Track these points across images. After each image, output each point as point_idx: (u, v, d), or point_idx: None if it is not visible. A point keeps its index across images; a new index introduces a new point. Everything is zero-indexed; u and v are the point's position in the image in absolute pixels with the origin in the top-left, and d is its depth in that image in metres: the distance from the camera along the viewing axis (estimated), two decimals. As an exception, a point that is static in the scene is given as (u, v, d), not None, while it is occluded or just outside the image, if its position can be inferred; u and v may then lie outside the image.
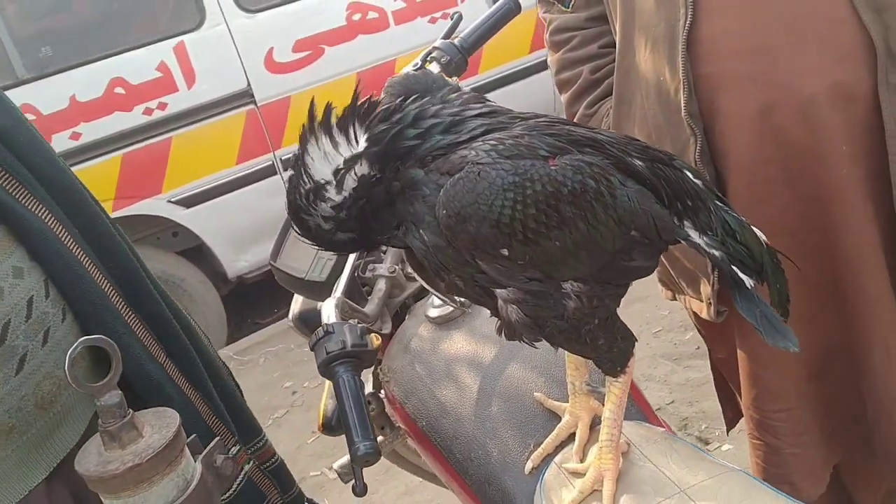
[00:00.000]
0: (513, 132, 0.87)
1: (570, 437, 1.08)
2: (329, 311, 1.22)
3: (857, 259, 1.22)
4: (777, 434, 1.36)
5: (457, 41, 1.44)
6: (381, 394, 1.44)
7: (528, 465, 1.08)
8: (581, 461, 1.04)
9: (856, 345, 1.29)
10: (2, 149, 0.96)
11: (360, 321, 1.28)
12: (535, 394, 1.16)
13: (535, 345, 0.93)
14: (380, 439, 1.38)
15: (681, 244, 0.96)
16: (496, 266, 0.84)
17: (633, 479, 0.99)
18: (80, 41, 3.75)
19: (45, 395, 0.98)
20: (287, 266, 1.45)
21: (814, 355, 1.31)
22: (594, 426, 1.08)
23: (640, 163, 0.90)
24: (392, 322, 1.47)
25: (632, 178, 0.88)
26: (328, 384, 1.40)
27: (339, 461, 1.72)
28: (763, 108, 1.17)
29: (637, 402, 1.16)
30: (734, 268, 0.94)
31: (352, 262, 1.36)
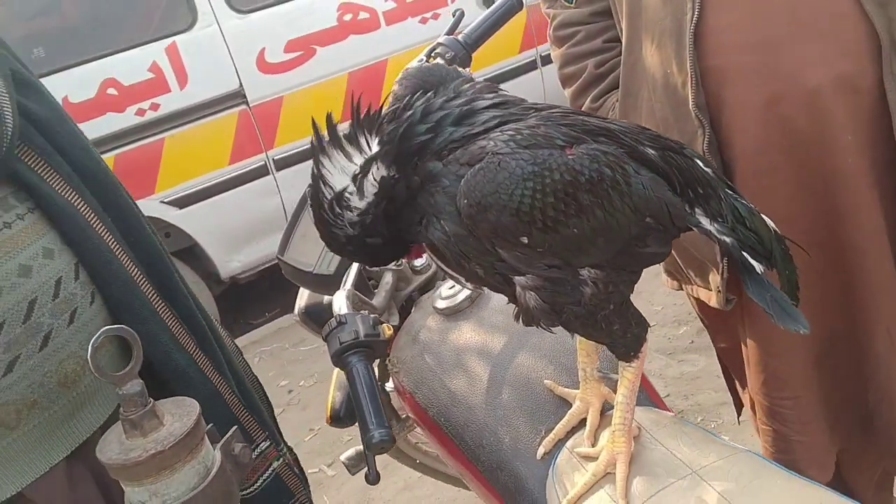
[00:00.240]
0: (528, 122, 0.89)
1: (581, 423, 1.10)
2: (341, 303, 1.23)
3: (862, 246, 1.24)
4: (784, 421, 1.38)
5: (460, 37, 1.46)
6: (388, 385, 1.45)
7: (539, 451, 1.10)
8: (592, 446, 1.06)
9: (859, 330, 1.31)
10: (40, 138, 1.00)
11: (369, 312, 1.30)
12: (545, 381, 1.17)
13: (551, 330, 0.95)
14: (387, 430, 1.39)
15: (691, 232, 0.98)
16: (516, 254, 0.86)
17: (646, 462, 1.00)
18: (72, 42, 3.72)
19: (69, 374, 1.00)
20: (294, 260, 1.46)
21: (818, 341, 1.33)
22: (604, 412, 1.10)
23: (653, 151, 0.92)
24: (398, 315, 1.48)
25: (645, 167, 0.90)
26: (335, 377, 1.42)
27: (346, 453, 1.74)
28: (769, 100, 1.19)
29: (645, 388, 1.18)
30: (745, 254, 0.96)
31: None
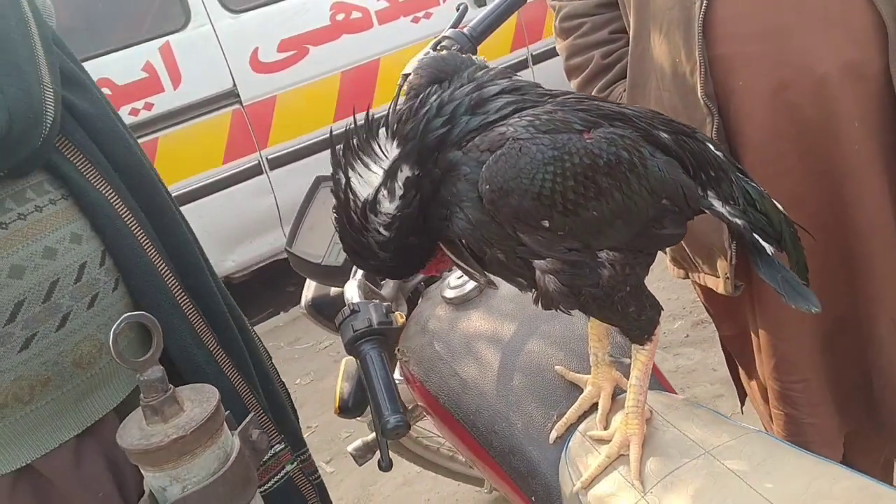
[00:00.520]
0: (545, 108, 0.91)
1: (593, 408, 1.12)
2: (353, 292, 1.25)
3: (868, 232, 1.26)
4: (795, 404, 1.40)
5: (466, 30, 1.47)
6: (396, 376, 1.46)
7: (552, 435, 1.12)
8: (604, 430, 1.07)
9: (864, 316, 1.33)
10: (81, 132, 1.06)
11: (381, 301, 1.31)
12: (555, 367, 1.19)
13: (570, 313, 0.97)
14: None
15: (698, 220, 1.00)
16: (537, 238, 0.88)
17: (659, 443, 1.02)
18: (65, 42, 3.71)
19: (84, 356, 1.03)
20: (303, 252, 1.47)
21: (824, 326, 1.35)
22: (616, 396, 1.11)
23: (666, 135, 0.94)
24: (406, 305, 1.49)
25: (659, 150, 0.92)
26: (342, 368, 1.43)
27: (353, 444, 1.75)
28: (777, 87, 1.21)
29: (655, 374, 1.20)
30: (755, 236, 0.98)
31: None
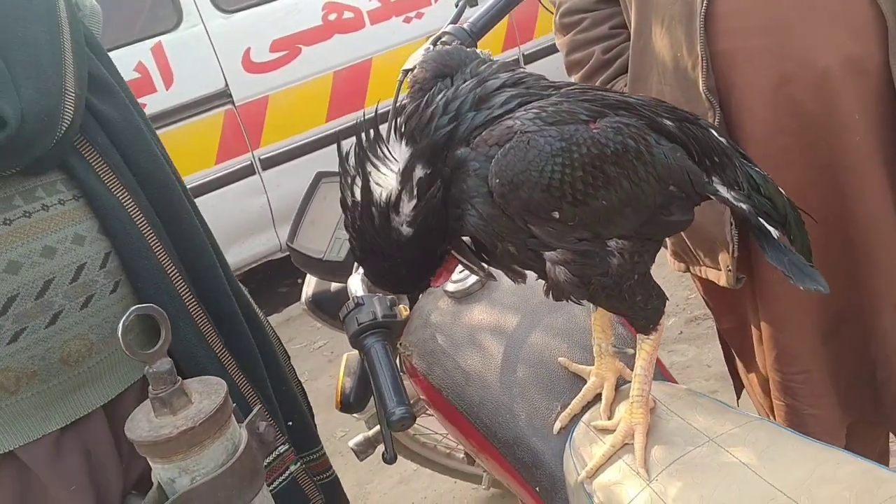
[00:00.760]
0: (550, 100, 0.91)
1: (596, 398, 1.12)
2: (357, 285, 1.25)
3: (870, 224, 1.27)
4: (796, 396, 1.41)
5: (466, 25, 1.48)
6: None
7: (556, 426, 1.12)
8: (609, 419, 1.08)
9: (866, 308, 1.34)
10: (104, 137, 1.08)
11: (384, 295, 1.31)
12: (559, 358, 1.20)
13: (581, 303, 0.97)
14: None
15: (702, 211, 1.01)
16: (548, 229, 0.88)
17: (663, 432, 1.02)
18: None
19: (72, 354, 1.05)
20: (304, 247, 1.47)
21: (826, 318, 1.36)
22: (619, 387, 1.12)
23: (670, 123, 0.95)
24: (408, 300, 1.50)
25: (664, 138, 0.93)
26: (343, 364, 1.43)
27: (355, 439, 1.76)
28: (778, 82, 1.21)
29: (658, 365, 1.21)
30: (761, 220, 0.99)
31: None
